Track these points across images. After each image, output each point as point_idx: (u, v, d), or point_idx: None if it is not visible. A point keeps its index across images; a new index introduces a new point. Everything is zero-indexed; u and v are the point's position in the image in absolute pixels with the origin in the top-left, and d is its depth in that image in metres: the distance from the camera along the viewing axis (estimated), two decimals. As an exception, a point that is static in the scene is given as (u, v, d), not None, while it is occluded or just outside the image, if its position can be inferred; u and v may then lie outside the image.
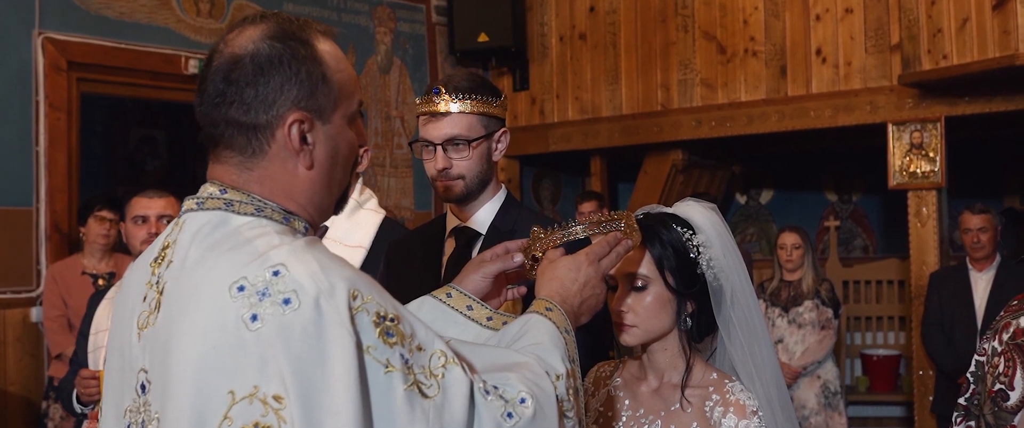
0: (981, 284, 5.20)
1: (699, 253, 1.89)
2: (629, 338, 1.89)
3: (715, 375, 1.92)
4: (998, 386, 1.58)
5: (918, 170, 5.57)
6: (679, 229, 1.90)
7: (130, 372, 1.36)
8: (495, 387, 1.35)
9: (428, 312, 1.67)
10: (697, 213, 1.95)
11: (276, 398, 1.20)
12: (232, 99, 1.35)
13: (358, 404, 1.20)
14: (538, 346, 1.48)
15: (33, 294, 5.20)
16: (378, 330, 1.26)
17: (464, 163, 2.25)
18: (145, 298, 1.37)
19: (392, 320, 1.28)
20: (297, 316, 1.21)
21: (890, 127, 5.61)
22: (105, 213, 4.90)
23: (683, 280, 1.88)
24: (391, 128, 7.04)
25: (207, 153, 1.44)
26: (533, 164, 7.66)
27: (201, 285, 1.27)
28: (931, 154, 5.52)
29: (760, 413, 1.86)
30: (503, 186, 2.40)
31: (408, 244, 2.48)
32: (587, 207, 6.41)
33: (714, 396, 1.87)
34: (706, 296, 1.91)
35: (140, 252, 3.42)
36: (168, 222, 3.45)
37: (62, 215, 5.38)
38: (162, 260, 1.37)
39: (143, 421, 1.32)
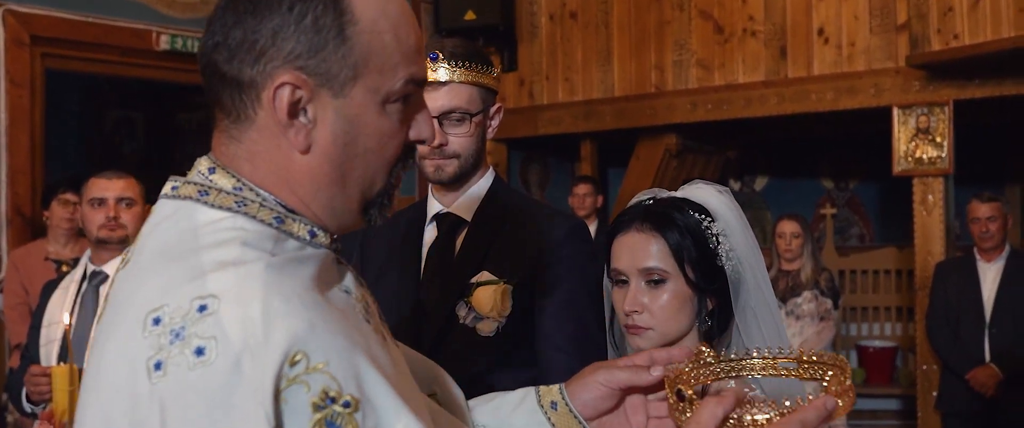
0: (990, 276, 5.00)
1: (719, 243, 1.66)
2: (643, 342, 1.64)
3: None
4: None
5: (924, 156, 5.34)
6: (696, 215, 1.65)
7: None
8: None
9: (524, 417, 1.28)
10: (713, 197, 1.72)
11: None
12: (219, 41, 1.03)
13: None
14: None
15: (-7, 281, 4.94)
16: (317, 416, 0.92)
17: (462, 140, 2.02)
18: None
19: (346, 405, 0.93)
20: (206, 375, 0.90)
21: (895, 111, 5.39)
22: (68, 196, 4.64)
23: (704, 274, 1.64)
24: (374, 109, 6.80)
25: None
26: (521, 148, 7.47)
27: (127, 303, 0.98)
28: (938, 139, 5.29)
29: None
30: (491, 168, 2.15)
31: (384, 232, 2.23)
32: (581, 190, 6.21)
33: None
34: (726, 292, 1.67)
35: (97, 237, 3.20)
36: (127, 205, 3.23)
37: (24, 198, 5.13)
38: (126, 258, 1.07)
39: None
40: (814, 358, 1.22)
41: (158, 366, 0.91)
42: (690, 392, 1.15)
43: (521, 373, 1.98)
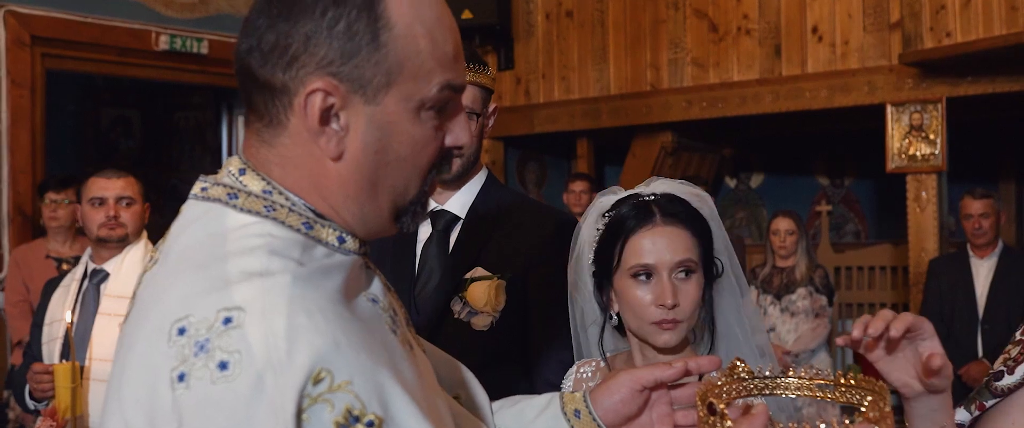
0: (982, 272, 5.03)
1: (712, 232, 1.71)
2: (673, 338, 1.64)
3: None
4: (1000, 368, 1.40)
5: (918, 153, 5.39)
6: (694, 208, 1.70)
7: None
8: None
9: (547, 423, 1.27)
10: (689, 190, 1.76)
11: None
12: (252, 44, 1.02)
13: None
14: None
15: (-4, 279, 4.99)
16: None
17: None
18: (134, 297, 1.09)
19: (370, 424, 0.92)
20: (228, 390, 0.89)
21: (889, 108, 5.43)
22: (50, 194, 4.67)
23: (712, 264, 1.69)
24: (371, 108, 6.82)
25: None
26: (518, 146, 7.50)
27: (152, 308, 0.97)
28: (931, 136, 5.33)
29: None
30: (485, 166, 2.20)
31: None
32: (577, 186, 6.24)
33: None
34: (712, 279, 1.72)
35: (97, 236, 3.24)
36: (127, 204, 3.24)
37: (25, 197, 5.17)
38: (154, 256, 1.06)
39: None
40: (853, 382, 1.16)
41: (182, 378, 0.90)
42: (722, 406, 1.11)
43: (515, 366, 2.03)
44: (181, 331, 0.92)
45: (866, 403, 1.13)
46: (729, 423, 1.10)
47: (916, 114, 5.36)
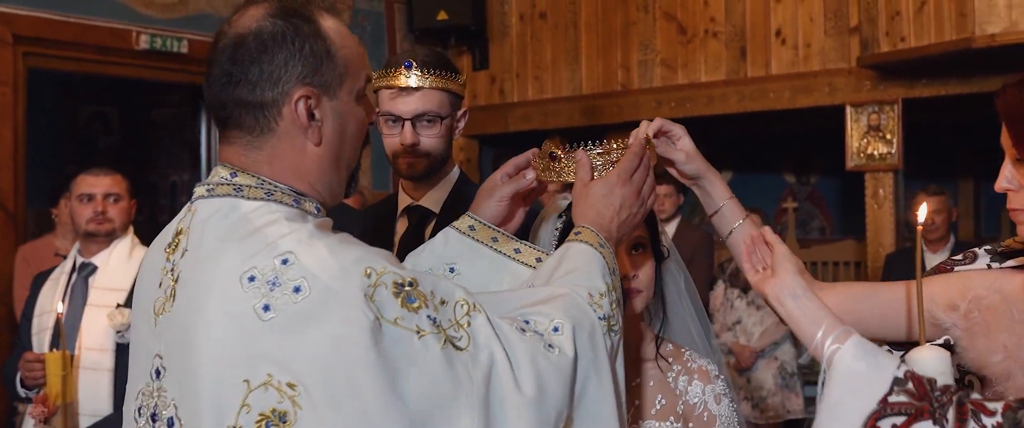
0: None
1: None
2: (640, 304, 1.79)
3: (670, 346, 1.88)
4: None
5: (875, 152, 5.60)
6: None
7: (145, 356, 1.38)
8: (527, 322, 1.35)
9: (454, 247, 1.67)
10: None
11: (289, 385, 1.21)
12: (238, 79, 1.35)
13: (383, 381, 1.20)
14: (574, 273, 1.46)
15: (-23, 274, 5.06)
16: (400, 300, 1.25)
17: (433, 140, 2.23)
18: (161, 284, 1.37)
19: (411, 285, 1.27)
20: (309, 303, 1.22)
21: (848, 109, 5.64)
22: None
23: (659, 247, 1.84)
24: (348, 106, 6.93)
25: (219, 136, 1.45)
26: (492, 144, 7.63)
27: (214, 276, 1.28)
28: (888, 136, 5.54)
29: (723, 376, 1.84)
30: (456, 165, 2.36)
31: (358, 224, 2.42)
32: (551, 187, 6.37)
33: (675, 366, 1.83)
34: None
35: (85, 231, 3.38)
36: (114, 200, 3.38)
37: (7, 193, 5.25)
38: (176, 247, 1.37)
39: (156, 406, 1.34)
40: (623, 144, 1.64)
41: (266, 308, 1.22)
42: (560, 152, 1.59)
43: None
44: (251, 279, 1.24)
45: (616, 142, 1.63)
46: (563, 161, 1.64)
47: (874, 115, 5.57)
